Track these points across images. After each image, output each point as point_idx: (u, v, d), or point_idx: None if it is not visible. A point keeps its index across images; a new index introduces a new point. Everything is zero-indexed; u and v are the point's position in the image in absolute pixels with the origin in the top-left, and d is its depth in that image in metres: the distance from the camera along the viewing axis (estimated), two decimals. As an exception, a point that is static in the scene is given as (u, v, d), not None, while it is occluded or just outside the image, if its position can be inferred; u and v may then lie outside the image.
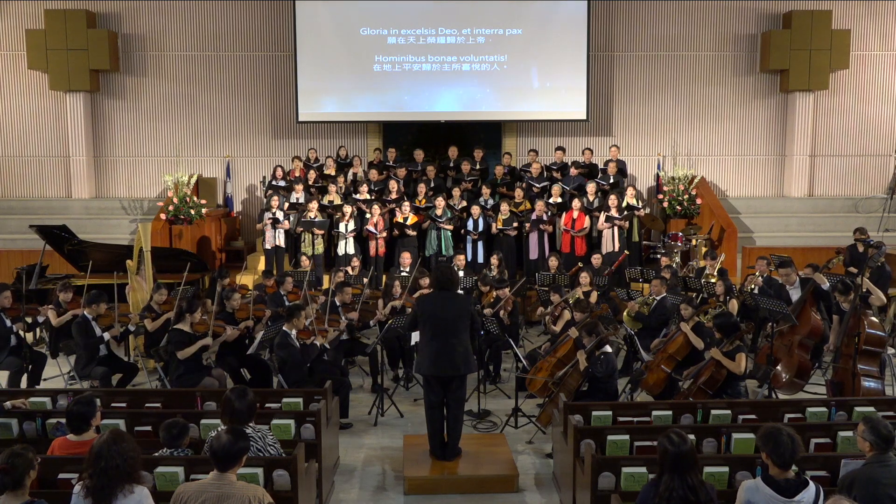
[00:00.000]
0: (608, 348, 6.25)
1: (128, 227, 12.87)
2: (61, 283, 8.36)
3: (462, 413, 5.97)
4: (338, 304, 8.13)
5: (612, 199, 10.82)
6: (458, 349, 5.73)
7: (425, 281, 8.71)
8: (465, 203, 11.36)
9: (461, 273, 9.43)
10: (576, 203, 10.84)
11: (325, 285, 10.36)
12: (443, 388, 5.83)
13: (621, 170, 12.15)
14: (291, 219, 11.21)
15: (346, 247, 10.84)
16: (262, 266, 11.22)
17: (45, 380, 7.88)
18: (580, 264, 10.06)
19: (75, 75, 13.02)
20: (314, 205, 10.93)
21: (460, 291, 8.63)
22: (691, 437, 3.80)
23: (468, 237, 10.94)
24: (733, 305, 8.11)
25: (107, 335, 7.28)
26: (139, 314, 7.82)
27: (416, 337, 7.32)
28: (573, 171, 11.89)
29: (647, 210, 11.77)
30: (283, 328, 6.70)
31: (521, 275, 10.78)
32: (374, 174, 11.98)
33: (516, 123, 13.52)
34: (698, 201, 12.21)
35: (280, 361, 6.72)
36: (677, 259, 10.81)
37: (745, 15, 13.49)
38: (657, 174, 13.22)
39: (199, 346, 6.76)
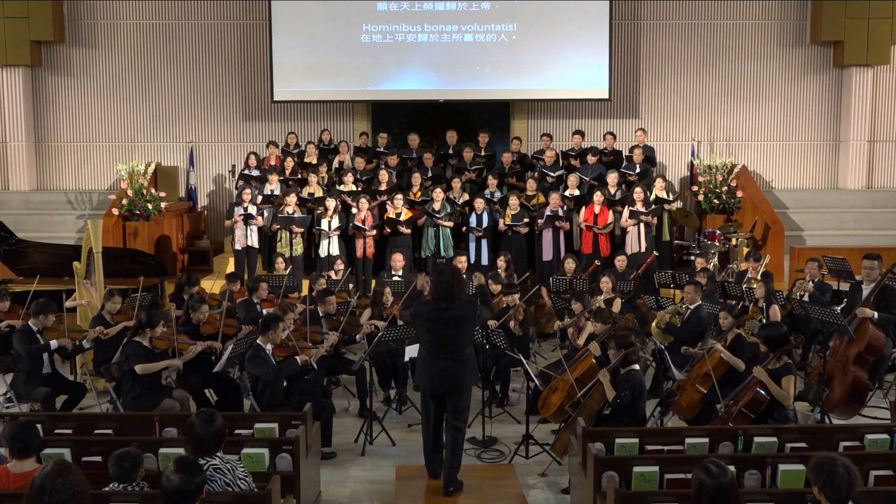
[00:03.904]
0: (636, 366, 6.24)
1: (74, 223, 12.86)
2: (-4, 290, 8.34)
3: (462, 438, 5.97)
4: (321, 314, 8.12)
5: (638, 192, 10.81)
6: (458, 363, 5.78)
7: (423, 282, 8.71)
8: (467, 196, 11.36)
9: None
10: (597, 196, 10.84)
11: (305, 292, 10.35)
12: (441, 404, 5.91)
13: (648, 157, 12.15)
14: (266, 214, 11.20)
15: (330, 247, 10.83)
16: (231, 269, 11.19)
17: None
18: (597, 262, 10.06)
19: (13, 47, 13.00)
20: (292, 198, 10.92)
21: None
22: (731, 468, 3.79)
23: (471, 235, 10.95)
24: (774, 312, 8.11)
25: (49, 363, 7.25)
26: (90, 325, 7.81)
27: (410, 352, 7.32)
28: (591, 159, 11.86)
29: (680, 204, 11.77)
30: (257, 342, 6.69)
31: (532, 279, 10.77)
32: (361, 162, 11.97)
33: (527, 103, 13.51)
34: (739, 194, 12.21)
35: (252, 380, 6.71)
36: (714, 261, 10.80)
37: (793, -23, 13.52)
38: (691, 162, 13.22)
39: (164, 365, 6.77)
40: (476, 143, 12.43)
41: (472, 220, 10.96)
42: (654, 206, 10.88)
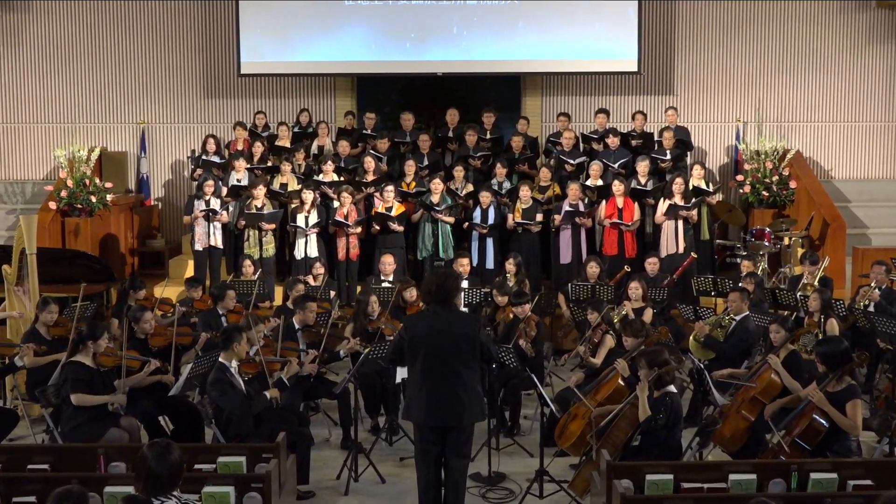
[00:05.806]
0: (672, 387, 6.24)
1: (4, 219, 12.89)
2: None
3: (465, 477, 5.97)
4: (297, 326, 8.12)
5: (679, 183, 10.75)
6: (460, 390, 5.73)
7: (412, 293, 8.71)
8: (471, 187, 11.36)
9: (465, 283, 9.42)
10: (616, 186, 10.81)
11: (278, 300, 10.35)
12: (439, 440, 5.84)
13: (682, 141, 12.12)
14: (231, 209, 11.20)
15: (307, 247, 10.82)
16: (189, 274, 11.20)
17: None
18: (627, 267, 10.06)
19: (-68, 11, 13.04)
20: (261, 190, 10.92)
21: (464, 308, 8.72)
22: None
23: (475, 233, 10.94)
24: (832, 326, 8.11)
25: None
26: (22, 341, 7.80)
27: (402, 373, 7.31)
28: (612, 142, 11.75)
29: (721, 197, 11.77)
30: (220, 360, 6.69)
31: (547, 285, 10.76)
32: (344, 147, 11.97)
33: (541, 77, 13.52)
34: (792, 185, 12.21)
35: (215, 405, 6.70)
36: (764, 264, 10.80)
37: (855, -72, 13.54)
38: (735, 147, 13.22)
39: (105, 400, 6.77)
40: (481, 124, 12.42)
41: (477, 216, 10.94)
42: (692, 200, 10.85)
